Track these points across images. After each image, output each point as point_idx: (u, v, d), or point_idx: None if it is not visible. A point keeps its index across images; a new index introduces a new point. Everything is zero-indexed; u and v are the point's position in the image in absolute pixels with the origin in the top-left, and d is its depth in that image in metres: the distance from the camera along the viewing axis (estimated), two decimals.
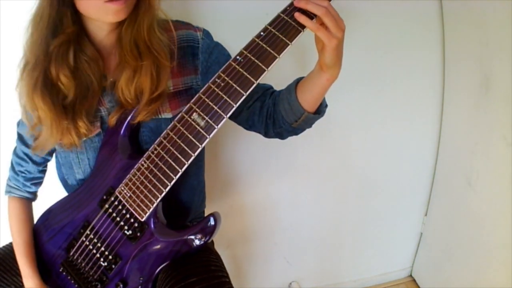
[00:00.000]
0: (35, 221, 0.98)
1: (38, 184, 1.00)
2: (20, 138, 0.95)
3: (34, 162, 0.95)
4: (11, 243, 0.97)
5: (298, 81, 0.83)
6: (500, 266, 1.29)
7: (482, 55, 1.26)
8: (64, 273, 0.91)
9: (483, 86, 1.27)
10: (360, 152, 1.53)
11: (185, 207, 0.99)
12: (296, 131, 0.87)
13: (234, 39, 0.86)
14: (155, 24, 0.82)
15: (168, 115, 0.87)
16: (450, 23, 1.37)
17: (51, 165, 1.01)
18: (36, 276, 0.90)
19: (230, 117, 0.90)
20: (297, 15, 0.69)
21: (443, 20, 1.39)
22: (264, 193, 1.50)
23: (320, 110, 0.83)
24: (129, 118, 0.84)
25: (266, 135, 0.92)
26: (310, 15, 0.70)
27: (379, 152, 1.54)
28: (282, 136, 0.90)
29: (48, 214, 0.95)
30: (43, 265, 0.93)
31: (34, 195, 1.00)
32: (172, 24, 0.86)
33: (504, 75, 1.18)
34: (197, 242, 0.82)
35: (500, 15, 1.15)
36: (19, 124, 0.95)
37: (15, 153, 0.98)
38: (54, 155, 0.98)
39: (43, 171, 0.99)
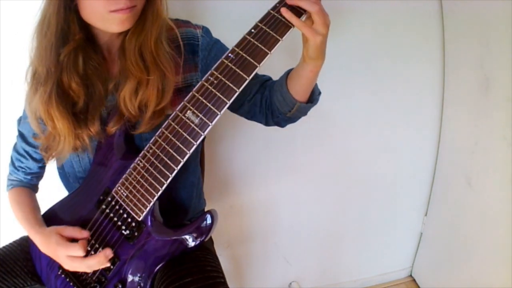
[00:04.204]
0: None
1: (39, 177, 1.00)
2: (21, 135, 0.94)
3: (34, 159, 0.95)
4: (11, 244, 0.97)
5: (288, 72, 0.84)
6: (500, 266, 1.29)
7: (482, 55, 1.26)
8: (63, 276, 0.91)
9: (483, 86, 1.27)
10: (360, 152, 1.53)
11: (184, 204, 0.99)
12: (293, 119, 0.90)
13: (235, 36, 0.86)
14: (162, 36, 0.81)
15: (169, 112, 0.86)
16: (450, 23, 1.37)
17: (52, 165, 1.00)
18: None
19: (232, 110, 0.94)
20: (284, 10, 0.70)
21: (443, 20, 1.39)
22: (264, 193, 1.50)
23: (313, 99, 0.85)
24: (127, 127, 0.84)
25: (266, 124, 0.94)
26: (299, 11, 0.70)
27: (379, 152, 1.54)
28: (280, 125, 0.93)
29: (47, 216, 0.94)
30: (42, 269, 0.93)
31: (35, 187, 1.00)
32: (173, 23, 0.85)
33: (504, 75, 1.18)
34: (194, 240, 0.82)
35: (500, 15, 1.15)
36: (20, 122, 0.95)
37: (15, 149, 0.97)
38: None
39: (43, 167, 0.99)
